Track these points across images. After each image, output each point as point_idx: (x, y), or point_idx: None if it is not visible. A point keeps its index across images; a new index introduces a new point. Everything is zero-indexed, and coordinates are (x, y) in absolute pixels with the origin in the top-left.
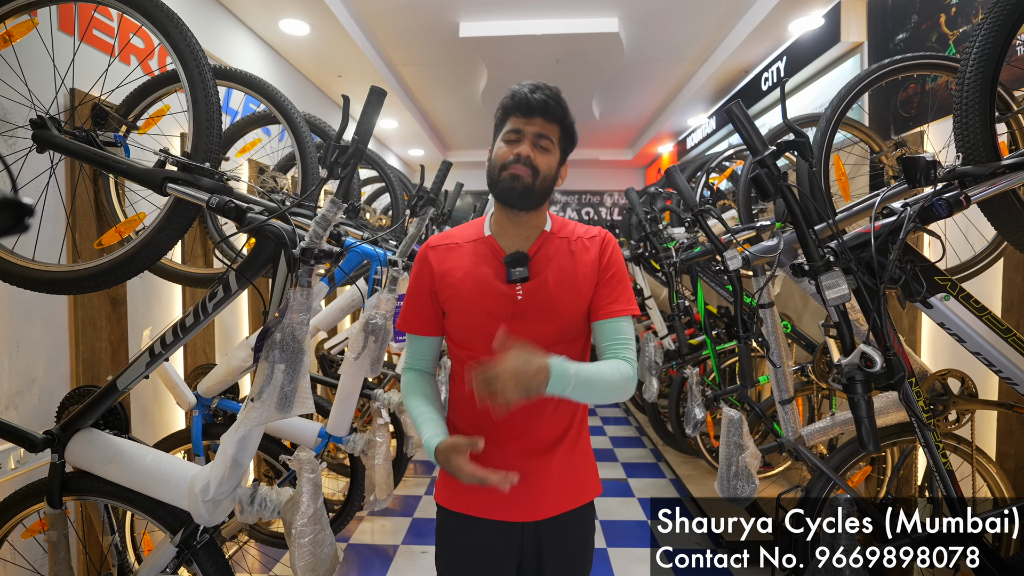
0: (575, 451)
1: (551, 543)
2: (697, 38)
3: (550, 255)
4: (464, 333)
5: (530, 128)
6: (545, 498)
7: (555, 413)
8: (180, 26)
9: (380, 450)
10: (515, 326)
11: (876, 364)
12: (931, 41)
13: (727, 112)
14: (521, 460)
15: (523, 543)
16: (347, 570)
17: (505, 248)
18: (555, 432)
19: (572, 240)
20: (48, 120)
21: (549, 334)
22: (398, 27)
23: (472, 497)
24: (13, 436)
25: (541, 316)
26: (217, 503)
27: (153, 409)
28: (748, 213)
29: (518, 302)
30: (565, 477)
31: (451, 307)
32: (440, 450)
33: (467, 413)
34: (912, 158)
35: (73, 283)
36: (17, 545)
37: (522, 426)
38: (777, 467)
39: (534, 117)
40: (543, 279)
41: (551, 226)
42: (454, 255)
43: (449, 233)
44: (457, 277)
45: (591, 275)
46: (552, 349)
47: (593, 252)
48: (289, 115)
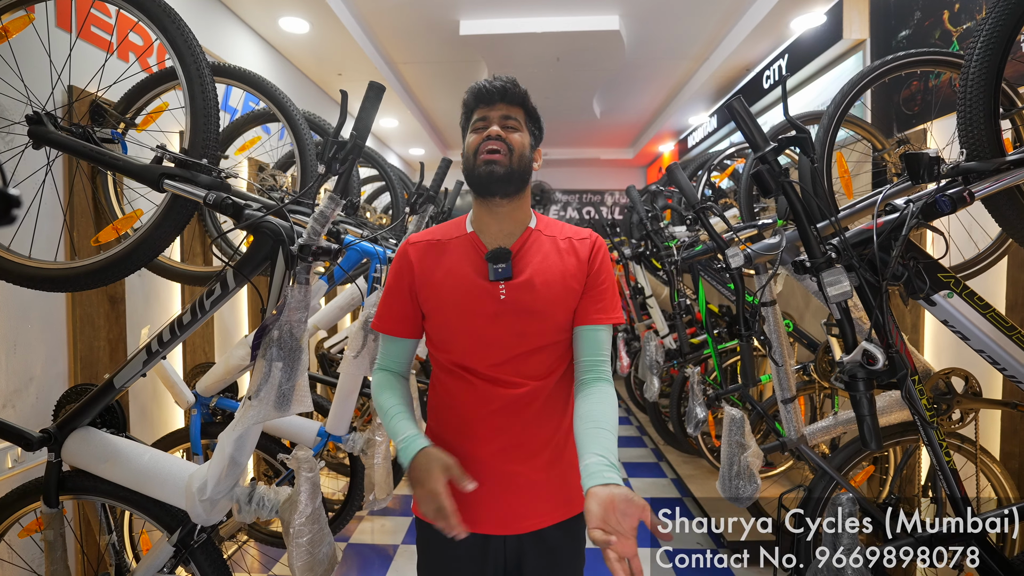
0: (560, 461)
1: (534, 558)
2: (698, 36)
3: (535, 252)
4: (445, 335)
5: (495, 113)
6: (526, 510)
7: (540, 419)
8: (177, 22)
9: (380, 449)
10: (498, 326)
11: (878, 361)
12: (934, 38)
13: (728, 108)
14: (501, 467)
15: (506, 557)
16: (347, 570)
17: (488, 244)
18: (538, 439)
19: (560, 239)
20: (44, 116)
21: (532, 334)
22: (398, 25)
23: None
24: (9, 435)
25: (525, 316)
26: (214, 502)
27: (152, 408)
28: (750, 211)
29: (501, 301)
30: (550, 487)
31: (431, 307)
32: (427, 456)
33: (447, 418)
34: (916, 154)
35: (70, 280)
36: (14, 545)
37: (503, 430)
38: (779, 467)
39: (495, 103)
40: (527, 277)
41: (536, 223)
42: (434, 252)
43: (431, 230)
44: (438, 275)
45: (579, 277)
46: (532, 348)
47: (583, 254)
48: (288, 113)
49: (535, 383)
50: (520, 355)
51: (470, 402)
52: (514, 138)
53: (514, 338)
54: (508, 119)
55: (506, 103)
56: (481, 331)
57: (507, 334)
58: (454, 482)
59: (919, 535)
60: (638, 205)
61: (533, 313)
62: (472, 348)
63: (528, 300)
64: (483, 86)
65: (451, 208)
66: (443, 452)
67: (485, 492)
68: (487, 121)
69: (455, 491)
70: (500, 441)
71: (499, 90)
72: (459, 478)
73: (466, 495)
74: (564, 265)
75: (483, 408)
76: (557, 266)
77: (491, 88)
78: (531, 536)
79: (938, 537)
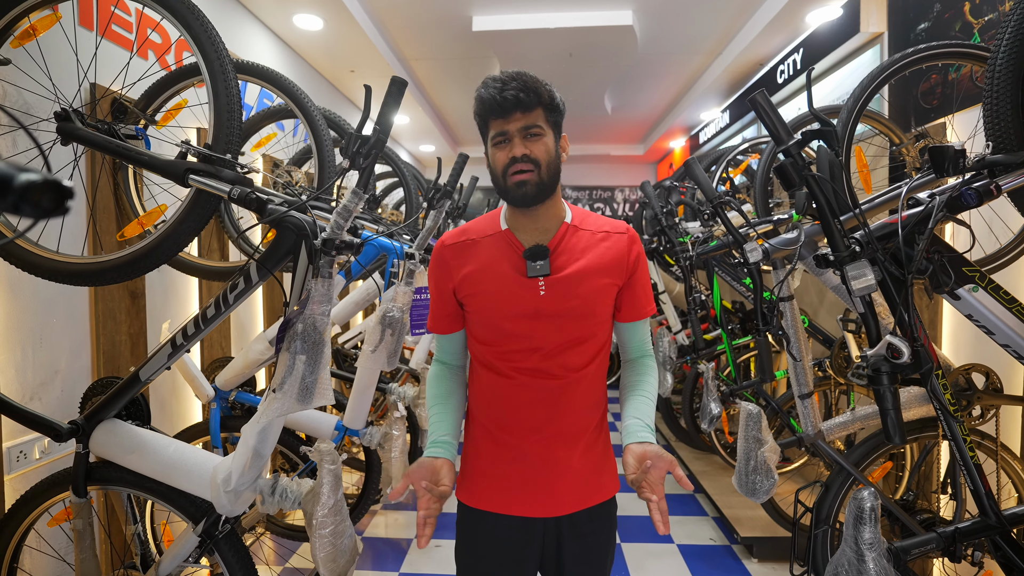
0: (596, 447)
1: (571, 540)
2: (712, 30)
3: (572, 248)
4: (485, 331)
5: (513, 126)
6: (565, 494)
7: (578, 407)
8: (201, 18)
9: (397, 443)
10: (537, 322)
11: (903, 355)
12: (954, 30)
13: (751, 101)
14: (542, 454)
15: (544, 539)
16: (362, 563)
17: (523, 242)
18: (577, 427)
19: (596, 232)
20: (72, 113)
21: (571, 328)
22: (411, 21)
23: (492, 493)
24: (40, 426)
25: (564, 311)
26: (239, 493)
27: (171, 402)
28: (765, 206)
29: (540, 298)
30: (586, 473)
31: (471, 305)
32: (421, 463)
33: (487, 409)
34: (940, 147)
35: (97, 275)
36: (44, 534)
37: (544, 420)
38: (794, 463)
39: (511, 115)
40: (566, 273)
41: (572, 217)
42: (471, 251)
43: (464, 229)
44: (476, 274)
45: (619, 272)
46: (574, 345)
47: (622, 247)
48: (306, 109)
49: (574, 374)
50: (560, 349)
51: (510, 395)
52: (538, 149)
53: (554, 333)
54: (529, 128)
55: (522, 111)
56: (521, 328)
57: (547, 330)
58: (495, 444)
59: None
60: (653, 200)
61: (572, 308)
62: (512, 345)
63: (567, 296)
64: (494, 98)
65: (466, 204)
66: (444, 465)
67: (527, 477)
68: (507, 136)
69: (499, 473)
70: (540, 430)
71: (512, 101)
72: (435, 492)
73: (509, 480)
74: (602, 260)
75: (523, 400)
76: (596, 261)
77: (504, 100)
78: (568, 519)
79: (961, 532)
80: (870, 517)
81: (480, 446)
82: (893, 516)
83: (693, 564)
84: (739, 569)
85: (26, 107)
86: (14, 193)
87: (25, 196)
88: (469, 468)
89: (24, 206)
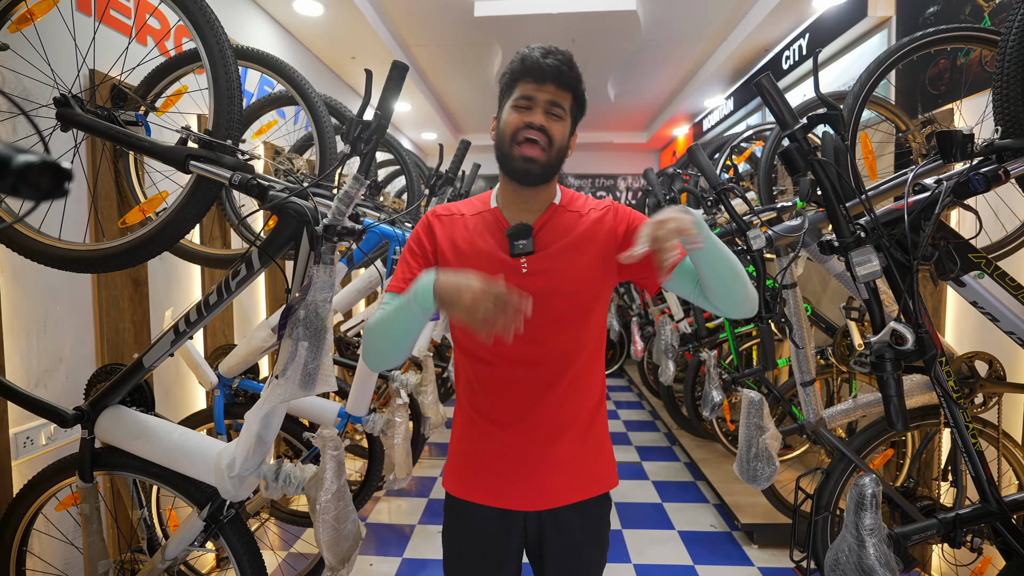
0: (586, 440)
1: (554, 534)
2: (717, 16)
3: (558, 228)
4: None
5: (542, 95)
6: (549, 487)
7: (565, 397)
8: (200, 4)
9: (400, 430)
10: None
11: (907, 342)
12: (964, 14)
13: (756, 85)
14: (525, 445)
15: (525, 531)
16: (365, 548)
17: (511, 221)
18: (564, 418)
19: (584, 214)
20: (71, 99)
21: (554, 310)
22: (412, 7)
23: (474, 483)
24: (46, 412)
25: (546, 291)
26: (243, 479)
27: (175, 389)
28: (768, 193)
29: (523, 275)
30: (573, 466)
31: None
32: (446, 273)
33: (471, 394)
34: (947, 132)
35: (99, 261)
36: (52, 518)
37: (527, 409)
38: (795, 450)
39: (546, 84)
40: (550, 253)
41: (561, 198)
42: (458, 226)
43: (455, 204)
44: (459, 248)
45: (608, 248)
46: (556, 327)
47: (607, 223)
48: (307, 96)
49: (558, 364)
50: (544, 334)
51: (493, 383)
52: (556, 129)
53: (536, 314)
54: (554, 106)
55: (557, 86)
56: None
57: (529, 311)
58: (479, 436)
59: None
60: (656, 188)
61: (555, 289)
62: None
63: (550, 276)
64: (537, 60)
65: (467, 191)
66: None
67: (509, 468)
68: (532, 102)
69: (482, 463)
70: (524, 422)
71: (553, 70)
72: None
73: (491, 470)
74: (591, 240)
75: (505, 388)
76: (582, 242)
77: (545, 67)
78: (549, 513)
79: (962, 518)
80: (871, 503)
81: (464, 434)
82: (893, 503)
83: (694, 550)
84: (739, 555)
85: (25, 93)
86: (12, 174)
87: (23, 177)
88: (454, 456)
89: (23, 187)
